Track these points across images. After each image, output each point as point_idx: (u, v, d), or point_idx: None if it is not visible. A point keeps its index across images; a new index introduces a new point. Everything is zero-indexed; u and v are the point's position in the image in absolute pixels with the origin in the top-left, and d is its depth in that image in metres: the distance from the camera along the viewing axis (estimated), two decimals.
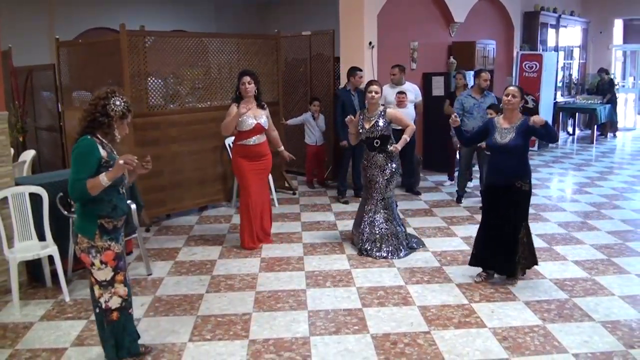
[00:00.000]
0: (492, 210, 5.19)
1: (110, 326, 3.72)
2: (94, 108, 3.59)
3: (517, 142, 4.97)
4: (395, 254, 5.96)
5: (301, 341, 4.23)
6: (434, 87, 10.04)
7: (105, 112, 3.58)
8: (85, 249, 3.60)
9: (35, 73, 9.73)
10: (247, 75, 6.07)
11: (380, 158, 6.00)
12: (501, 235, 5.09)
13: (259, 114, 6.11)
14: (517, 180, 5.00)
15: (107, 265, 3.63)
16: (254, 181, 6.19)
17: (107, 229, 3.62)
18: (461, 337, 4.27)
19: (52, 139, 9.47)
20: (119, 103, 3.60)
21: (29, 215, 5.03)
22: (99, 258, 3.60)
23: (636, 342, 4.17)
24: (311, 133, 9.03)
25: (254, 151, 6.14)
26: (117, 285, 3.69)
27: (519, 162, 5.03)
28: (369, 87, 6.12)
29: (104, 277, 3.64)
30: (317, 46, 9.75)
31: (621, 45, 16.87)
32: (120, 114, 3.61)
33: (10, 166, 5.30)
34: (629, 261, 5.81)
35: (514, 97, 5.03)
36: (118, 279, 3.69)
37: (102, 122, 3.59)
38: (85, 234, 3.59)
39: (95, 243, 3.58)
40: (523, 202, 5.10)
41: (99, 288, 3.67)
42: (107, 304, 3.68)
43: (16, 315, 4.73)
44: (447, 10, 10.55)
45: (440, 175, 9.78)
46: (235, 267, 5.77)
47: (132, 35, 6.81)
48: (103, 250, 3.60)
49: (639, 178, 9.83)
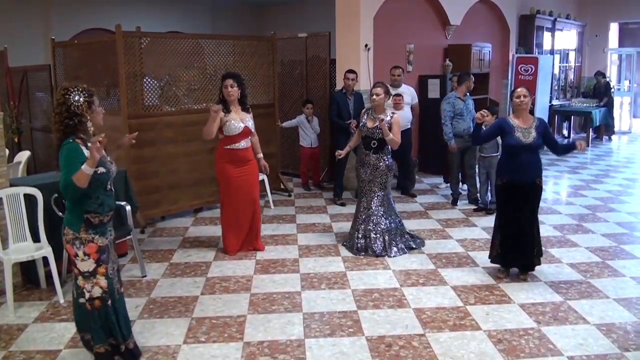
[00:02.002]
0: (509, 207, 5.33)
1: (96, 312, 3.79)
2: (59, 115, 3.63)
3: (539, 142, 5.23)
4: (390, 249, 6.02)
5: (296, 343, 4.22)
6: (430, 89, 10.04)
7: (72, 113, 3.61)
8: (70, 240, 3.70)
9: (30, 73, 9.70)
10: (229, 78, 5.88)
11: (373, 158, 6.05)
12: (521, 230, 5.30)
13: (246, 118, 5.95)
14: (537, 177, 5.26)
15: (89, 257, 3.72)
16: (240, 187, 6.01)
17: (93, 223, 3.71)
18: (456, 339, 4.27)
19: (47, 140, 9.43)
20: (78, 97, 3.63)
21: (23, 216, 5.01)
22: (82, 249, 3.70)
23: (631, 345, 4.17)
24: (306, 135, 9.03)
25: (242, 155, 5.99)
26: (99, 277, 3.77)
27: (539, 160, 5.31)
28: (372, 89, 6.18)
29: (87, 268, 3.73)
30: (313, 48, 9.75)
31: (617, 48, 16.93)
32: (86, 105, 3.65)
33: (5, 167, 5.27)
34: (624, 264, 5.82)
35: (525, 97, 5.28)
36: (100, 271, 3.77)
37: (73, 124, 3.62)
38: (71, 227, 3.69)
39: (80, 235, 3.68)
40: (538, 197, 5.36)
41: (82, 279, 3.76)
42: (90, 293, 3.77)
43: (10, 316, 4.71)
44: (443, 12, 10.56)
45: (435, 178, 9.80)
46: (230, 269, 5.76)
47: (127, 36, 6.79)
48: (86, 242, 3.70)
49: (634, 181, 9.86)
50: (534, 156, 5.25)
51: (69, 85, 3.69)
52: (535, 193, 5.28)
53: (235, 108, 5.92)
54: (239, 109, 5.94)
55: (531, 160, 5.22)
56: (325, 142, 9.41)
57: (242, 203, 6.08)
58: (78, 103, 3.62)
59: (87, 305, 3.78)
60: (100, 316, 3.81)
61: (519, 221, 5.28)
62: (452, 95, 8.04)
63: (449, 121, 7.80)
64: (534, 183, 5.23)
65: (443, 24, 10.78)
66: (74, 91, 3.64)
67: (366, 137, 6.08)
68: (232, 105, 5.91)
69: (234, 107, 5.90)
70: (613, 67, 16.88)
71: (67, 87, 3.68)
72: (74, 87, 3.68)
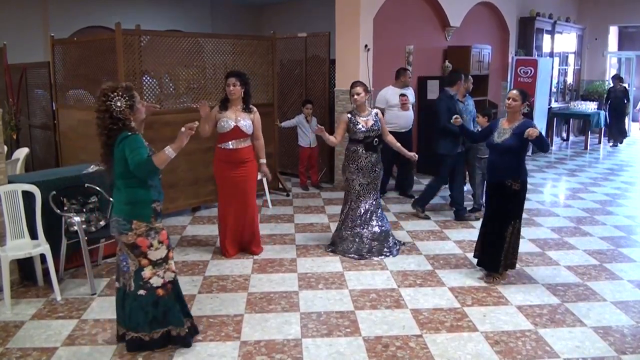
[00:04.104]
0: (487, 205, 5.48)
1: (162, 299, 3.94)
2: (102, 121, 3.69)
3: (510, 143, 5.16)
4: (389, 253, 6.03)
5: (293, 343, 4.22)
6: (429, 90, 10.05)
7: (115, 119, 3.68)
8: (143, 232, 3.83)
9: (29, 71, 9.68)
10: (232, 76, 5.75)
11: (374, 157, 6.03)
12: (490, 230, 5.35)
13: (242, 117, 5.78)
14: (508, 179, 5.19)
15: (163, 244, 3.93)
16: (233, 190, 5.89)
17: (158, 211, 3.93)
18: (453, 340, 4.28)
19: (45, 137, 9.42)
20: (120, 103, 3.67)
21: (21, 213, 5.00)
22: (157, 238, 3.89)
23: (628, 348, 4.18)
24: (304, 135, 9.03)
25: (233, 156, 5.83)
26: (170, 262, 4.01)
27: (511, 161, 5.21)
28: (352, 88, 6.06)
29: (160, 255, 3.92)
30: (312, 48, 9.75)
31: (616, 52, 16.95)
32: (129, 109, 3.72)
33: (4, 164, 5.26)
34: (621, 267, 5.83)
35: (514, 101, 5.26)
36: (170, 256, 4.02)
37: (118, 127, 3.71)
38: (142, 219, 3.82)
39: (153, 225, 3.87)
40: (512, 201, 5.25)
41: (152, 268, 3.89)
42: (163, 279, 3.94)
43: (7, 314, 4.70)
44: (443, 14, 10.58)
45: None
46: (227, 268, 5.75)
47: (127, 34, 6.78)
48: (160, 230, 3.91)
49: (632, 184, 9.87)
50: (504, 157, 5.21)
51: (109, 89, 3.69)
52: (508, 195, 5.21)
53: (235, 107, 5.81)
54: (239, 108, 5.82)
55: (499, 161, 5.24)
56: (324, 143, 9.39)
57: (235, 206, 5.96)
58: (120, 109, 3.67)
59: (159, 292, 3.91)
60: (168, 300, 3.97)
61: (489, 220, 5.38)
62: None
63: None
64: (503, 184, 5.20)
65: (443, 25, 10.79)
66: (115, 96, 3.66)
67: (366, 137, 5.99)
68: (233, 104, 5.81)
69: (234, 107, 5.80)
70: (612, 71, 16.89)
71: (107, 91, 3.69)
72: (114, 90, 3.68)
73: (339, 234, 6.22)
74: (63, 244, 5.26)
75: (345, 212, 6.20)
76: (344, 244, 6.13)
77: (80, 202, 5.39)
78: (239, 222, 6.01)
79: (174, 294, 4.03)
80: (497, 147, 5.26)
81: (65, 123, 7.94)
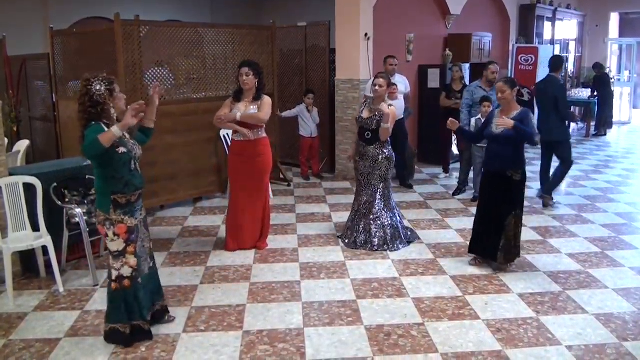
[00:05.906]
0: (484, 195, 5.47)
1: (122, 292, 3.97)
2: (83, 105, 3.81)
3: (508, 133, 5.13)
4: (393, 245, 5.96)
5: (295, 332, 4.24)
6: (430, 79, 10.02)
7: (94, 102, 3.78)
8: (101, 221, 3.93)
9: (29, 62, 9.65)
10: (245, 66, 5.62)
11: (370, 149, 5.96)
12: (488, 219, 5.33)
13: (249, 108, 5.66)
14: (509, 169, 5.20)
15: (119, 237, 3.93)
16: (240, 184, 5.83)
17: (121, 203, 3.91)
18: (455, 328, 4.29)
19: (46, 129, 9.41)
20: (100, 87, 3.79)
21: (22, 205, 5.01)
22: (112, 230, 3.92)
23: (629, 334, 4.19)
24: (305, 125, 9.01)
25: (242, 148, 5.74)
26: (128, 257, 3.98)
27: (511, 152, 5.21)
28: (375, 79, 6.04)
29: (116, 247, 3.95)
30: (312, 37, 9.71)
31: (617, 39, 16.89)
32: (108, 93, 3.82)
33: (4, 156, 5.27)
34: (622, 254, 5.83)
35: (502, 93, 5.26)
36: (129, 251, 3.98)
37: (97, 112, 3.81)
38: (101, 209, 3.91)
39: (110, 216, 3.90)
40: (513, 191, 5.26)
41: (112, 258, 3.98)
42: (119, 272, 3.96)
43: (10, 305, 4.72)
44: (443, 2, 10.52)
45: (435, 168, 9.80)
46: (229, 259, 5.76)
47: (126, 25, 6.76)
48: (116, 223, 3.91)
49: (633, 172, 9.86)
50: (503, 148, 5.20)
51: (90, 76, 3.84)
52: (507, 185, 5.22)
53: (248, 99, 5.68)
54: (250, 99, 5.68)
55: (499, 151, 5.23)
56: (325, 133, 9.40)
57: (242, 200, 5.89)
58: (100, 92, 3.79)
59: (112, 286, 3.96)
60: (125, 297, 3.97)
61: (486, 209, 5.37)
62: (474, 84, 7.94)
63: (465, 109, 7.74)
64: (504, 174, 5.20)
65: (443, 13, 10.74)
66: (95, 81, 3.80)
67: (361, 128, 5.99)
68: (245, 95, 5.69)
69: (246, 99, 5.69)
70: (613, 58, 16.85)
71: (88, 77, 3.84)
72: (95, 76, 3.83)
73: (346, 224, 6.31)
74: (65, 236, 5.27)
75: (353, 201, 6.29)
76: (350, 235, 6.13)
77: (81, 193, 5.39)
78: (245, 218, 5.92)
79: (132, 291, 4.00)
80: (494, 138, 5.26)
81: (66, 115, 7.92)
